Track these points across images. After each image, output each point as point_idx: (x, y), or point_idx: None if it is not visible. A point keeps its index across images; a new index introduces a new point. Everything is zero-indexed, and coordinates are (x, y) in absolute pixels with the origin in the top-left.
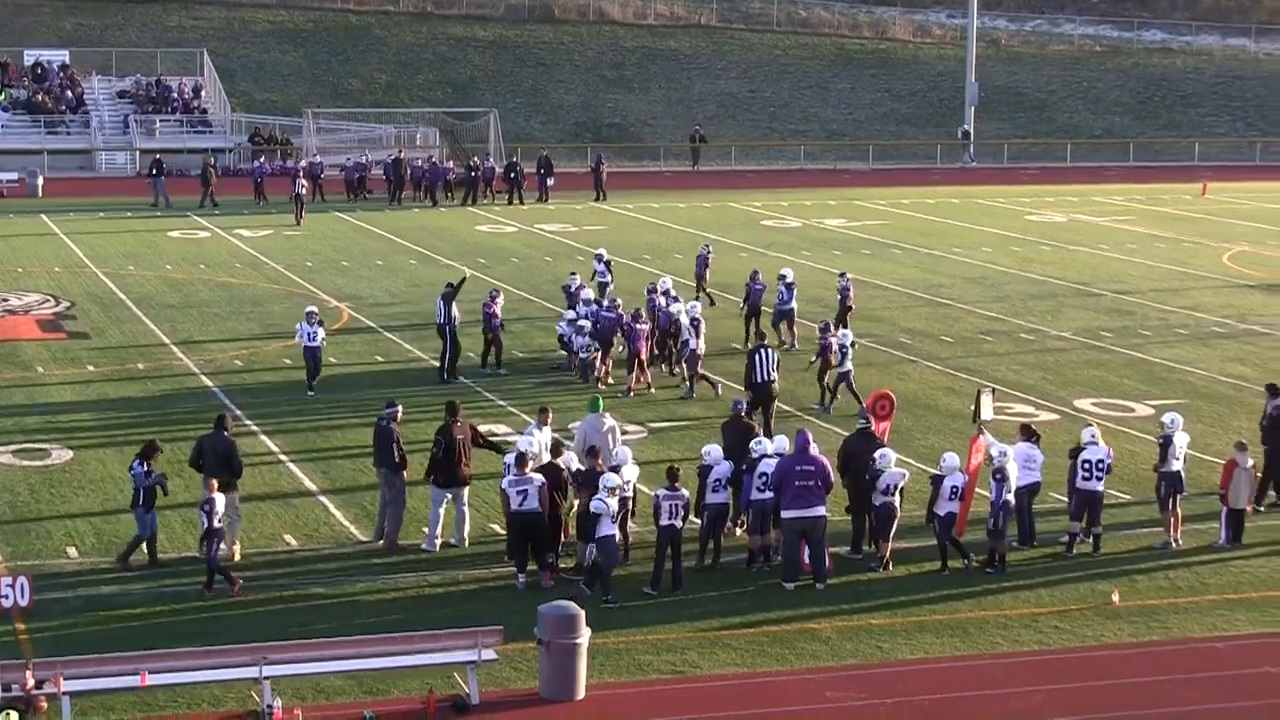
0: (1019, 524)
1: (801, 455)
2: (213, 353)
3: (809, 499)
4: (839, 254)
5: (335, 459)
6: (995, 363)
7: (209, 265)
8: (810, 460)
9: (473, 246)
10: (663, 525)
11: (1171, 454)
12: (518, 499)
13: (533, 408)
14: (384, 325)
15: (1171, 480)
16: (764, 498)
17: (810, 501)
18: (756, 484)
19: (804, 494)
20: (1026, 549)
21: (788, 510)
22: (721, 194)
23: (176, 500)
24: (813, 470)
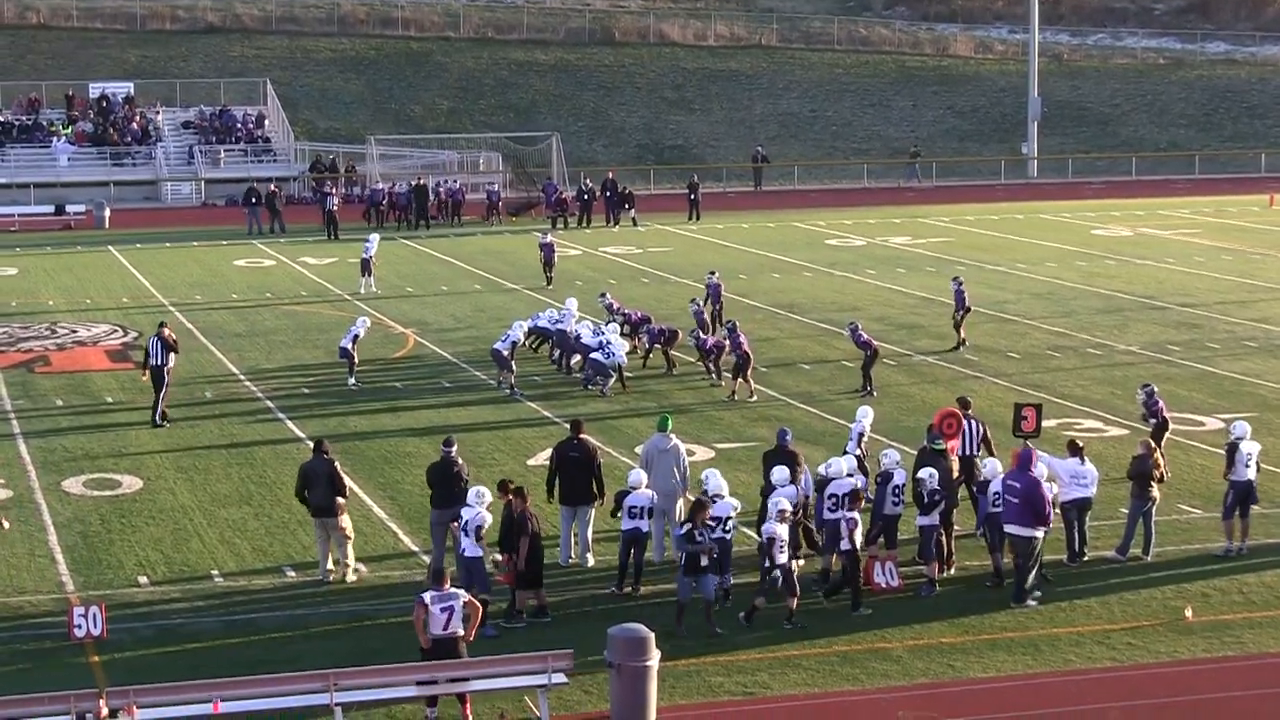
0: (1068, 540)
1: (1015, 471)
2: (281, 380)
3: (1015, 515)
4: (903, 272)
5: (403, 486)
6: (1062, 378)
7: (275, 293)
8: (1020, 477)
9: (536, 270)
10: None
11: (1240, 460)
12: (440, 619)
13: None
14: (450, 351)
15: (1242, 489)
16: (835, 518)
17: (1016, 519)
18: (827, 504)
19: (1011, 510)
20: (1074, 567)
21: (1005, 525)
22: (784, 213)
23: (243, 526)
24: (1016, 487)
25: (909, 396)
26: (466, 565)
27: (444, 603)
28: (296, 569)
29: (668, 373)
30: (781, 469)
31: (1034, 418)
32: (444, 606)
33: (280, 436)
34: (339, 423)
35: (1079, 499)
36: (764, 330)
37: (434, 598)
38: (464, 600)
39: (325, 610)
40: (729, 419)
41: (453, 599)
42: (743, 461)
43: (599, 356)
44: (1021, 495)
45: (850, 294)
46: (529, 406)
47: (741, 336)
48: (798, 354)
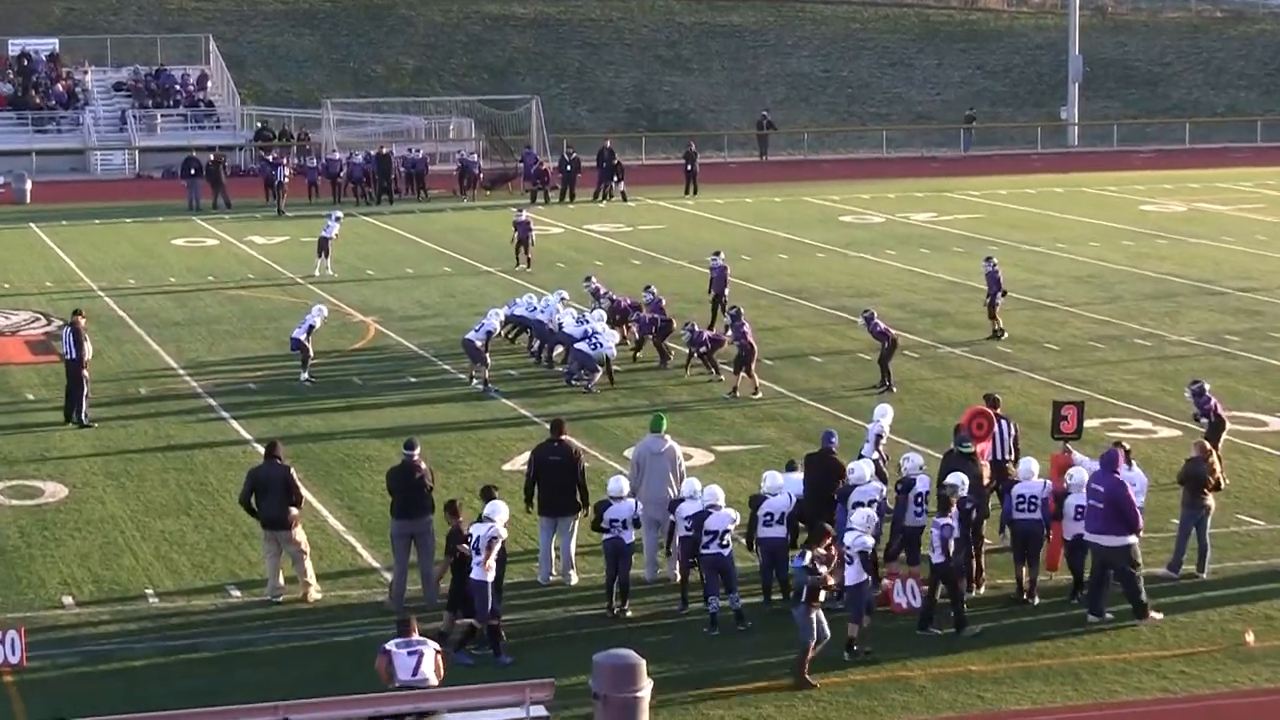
0: None
1: (1099, 473)
2: (224, 374)
3: (1101, 523)
4: (927, 252)
5: (363, 494)
6: (1106, 372)
7: (218, 276)
8: (1104, 480)
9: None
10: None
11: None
12: (408, 664)
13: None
14: (416, 342)
15: None
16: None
17: (1102, 526)
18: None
19: (1096, 517)
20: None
21: (1088, 534)
22: (793, 187)
23: (181, 539)
24: (1100, 491)
25: (933, 393)
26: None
27: (411, 649)
28: (242, 588)
29: (661, 366)
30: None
31: (1075, 417)
32: (412, 651)
33: (224, 438)
34: (290, 423)
35: None
36: (770, 318)
37: (399, 644)
38: (434, 651)
39: (275, 634)
40: (730, 418)
41: (420, 646)
42: (746, 466)
43: (584, 347)
44: (1107, 500)
45: (867, 277)
46: (504, 404)
47: (745, 325)
48: (808, 345)
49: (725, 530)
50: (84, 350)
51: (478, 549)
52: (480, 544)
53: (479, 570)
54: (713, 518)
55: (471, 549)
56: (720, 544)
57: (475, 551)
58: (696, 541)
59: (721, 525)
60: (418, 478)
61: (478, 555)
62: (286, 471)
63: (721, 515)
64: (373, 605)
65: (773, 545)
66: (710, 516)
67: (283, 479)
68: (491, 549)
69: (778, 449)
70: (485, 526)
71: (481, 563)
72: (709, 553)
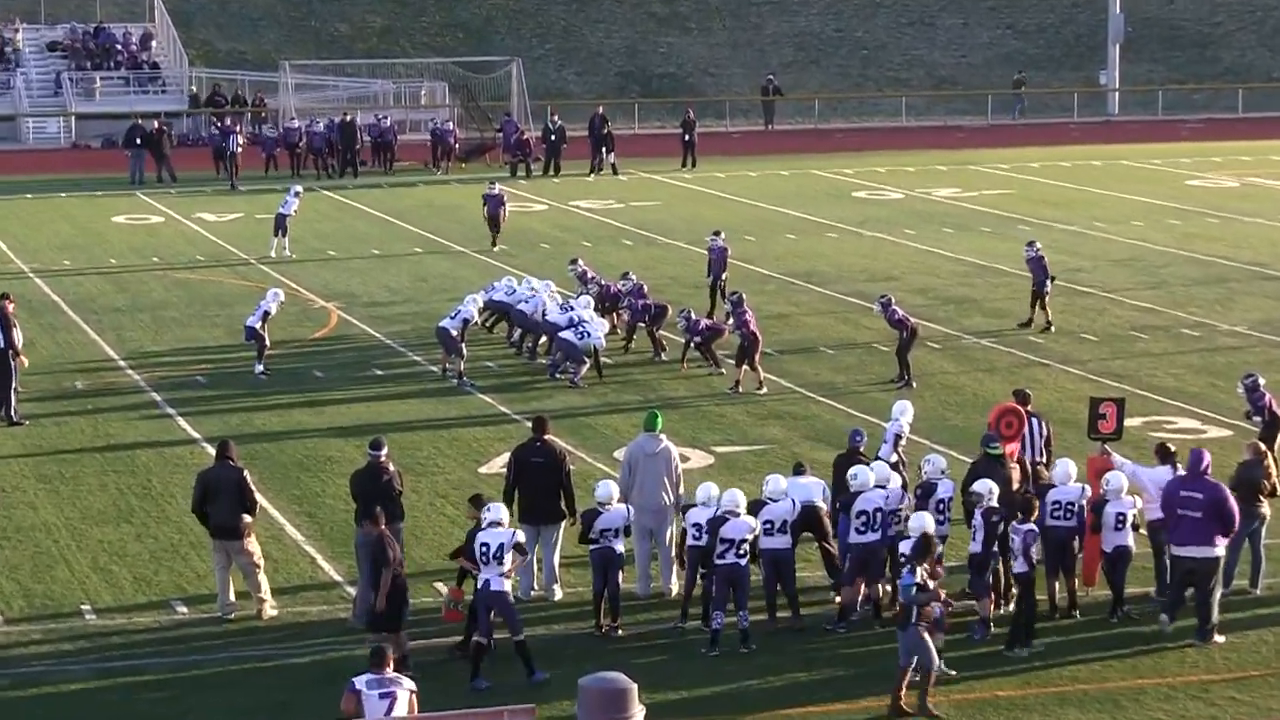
0: (1156, 569)
1: (1189, 479)
2: (170, 366)
3: (1195, 533)
4: (951, 232)
5: (324, 500)
6: (1150, 366)
7: (164, 257)
8: (1199, 485)
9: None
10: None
11: None
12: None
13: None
14: (383, 331)
15: None
16: (865, 540)
17: (1197, 537)
18: (855, 524)
19: (1189, 527)
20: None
21: (1175, 547)
22: (802, 159)
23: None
24: (1199, 499)
25: (957, 388)
26: (488, 602)
27: (384, 689)
28: (189, 604)
29: (656, 358)
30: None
31: (1114, 415)
32: (384, 693)
33: (170, 437)
34: (243, 420)
35: None
36: (776, 305)
37: (370, 683)
38: (410, 692)
39: (225, 655)
40: (732, 416)
41: (394, 686)
42: (749, 469)
43: (569, 337)
44: (1207, 506)
45: (884, 259)
46: (481, 400)
47: (748, 313)
48: (818, 335)
49: (743, 539)
50: (13, 339)
51: (498, 557)
52: (501, 551)
53: (500, 580)
54: (730, 524)
55: (491, 558)
56: (738, 554)
57: (496, 560)
58: (708, 551)
59: (740, 533)
60: (385, 481)
61: (498, 564)
62: (239, 474)
63: (740, 523)
64: (335, 623)
65: (776, 556)
66: (728, 523)
67: (235, 483)
68: (514, 556)
69: (784, 450)
70: (500, 533)
71: (505, 573)
72: (724, 563)
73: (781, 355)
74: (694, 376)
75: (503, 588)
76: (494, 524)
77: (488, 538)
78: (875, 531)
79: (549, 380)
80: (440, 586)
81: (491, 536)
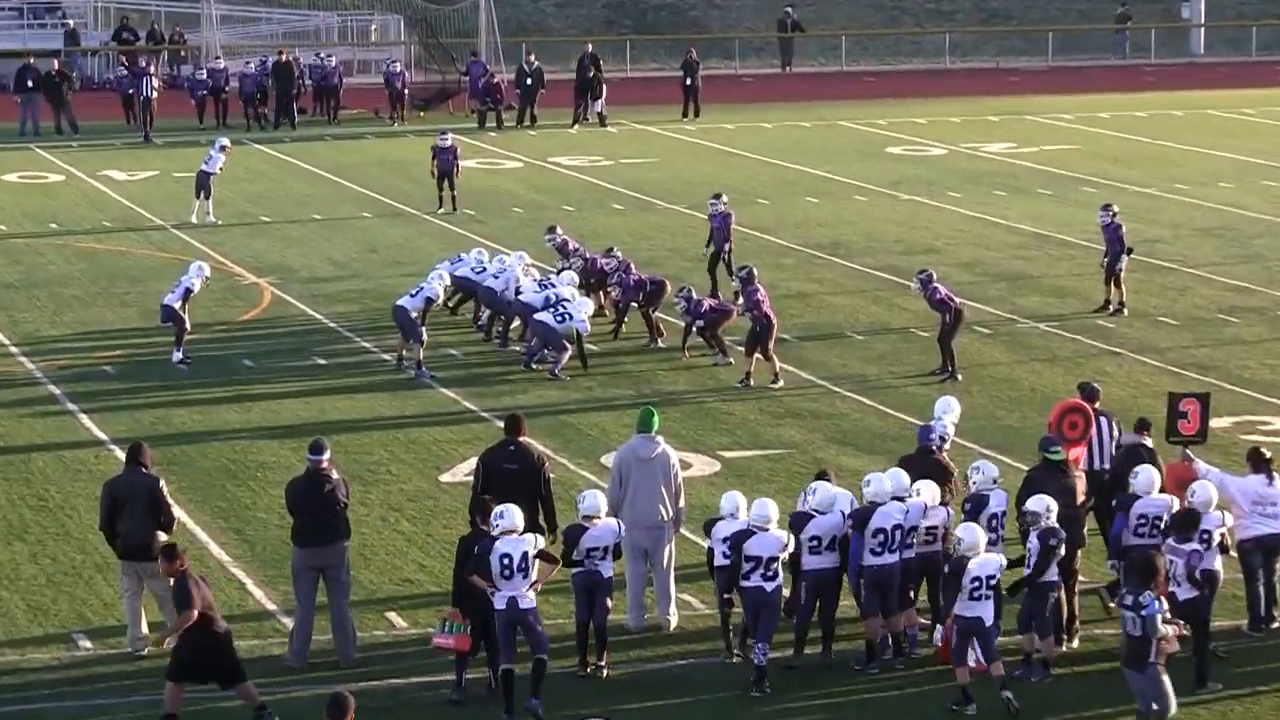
0: (1249, 598)
1: None
2: (71, 354)
3: None
4: (1003, 195)
5: (255, 514)
6: (1240, 355)
7: (63, 223)
8: None
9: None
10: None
11: None
12: None
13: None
14: (325, 311)
15: None
16: (881, 563)
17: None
18: (870, 544)
19: None
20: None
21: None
22: (826, 107)
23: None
24: None
25: (1011, 382)
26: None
27: None
28: (94, 637)
29: (651, 344)
30: (928, 484)
31: (1197, 415)
32: None
33: (71, 439)
34: (159, 418)
35: (1267, 536)
36: (795, 282)
37: None
38: None
39: (138, 698)
40: (742, 414)
41: None
42: (762, 477)
43: (547, 319)
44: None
45: (923, 228)
46: (443, 394)
47: (760, 291)
48: (845, 317)
49: (773, 557)
50: None
51: (522, 569)
52: (525, 562)
53: (527, 596)
54: (755, 540)
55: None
56: (765, 574)
57: (520, 573)
58: (735, 571)
59: (768, 550)
60: (327, 492)
61: (523, 577)
62: (154, 484)
63: (770, 538)
64: (268, 661)
65: (821, 579)
66: (753, 538)
67: (148, 494)
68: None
69: (804, 455)
70: (518, 541)
71: (532, 584)
72: (749, 585)
73: (801, 342)
74: (697, 367)
75: (531, 604)
76: (508, 532)
77: (508, 548)
78: (893, 552)
79: (524, 371)
80: (394, 617)
81: (512, 546)
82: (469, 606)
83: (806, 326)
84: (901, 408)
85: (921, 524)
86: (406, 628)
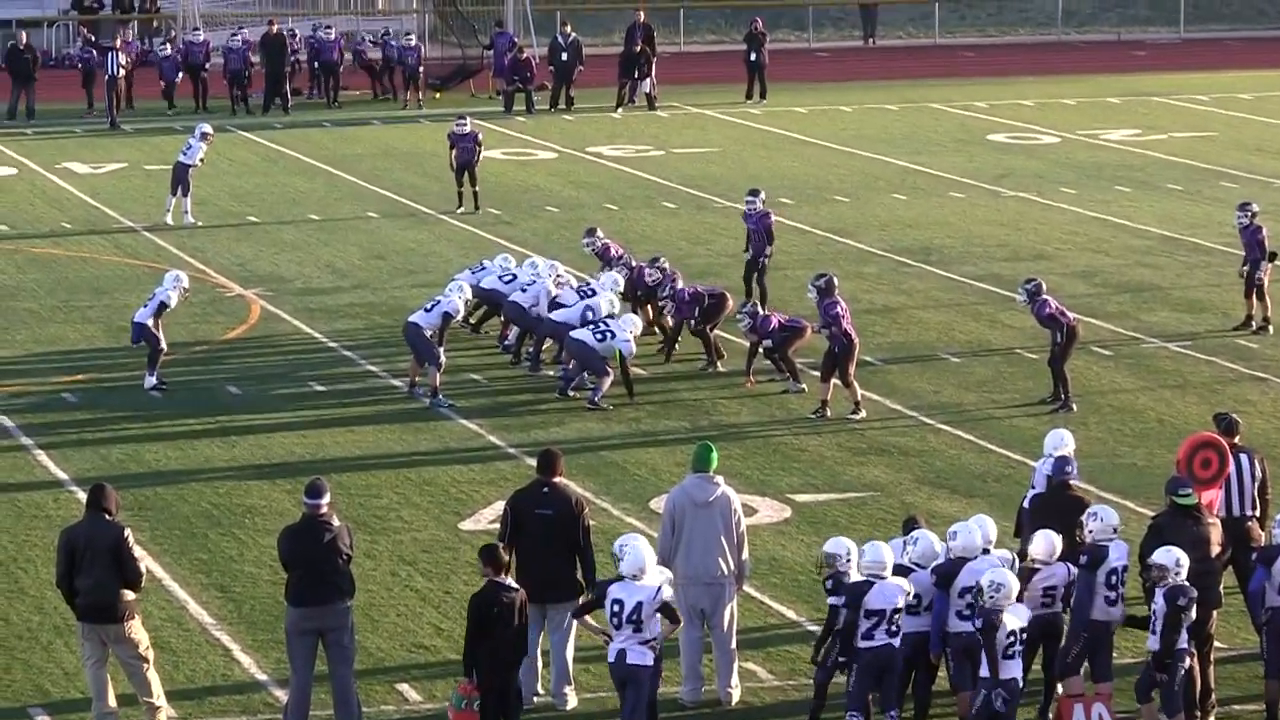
0: None
1: None
2: (25, 379)
3: None
4: (1126, 190)
5: (242, 568)
6: None
7: (16, 225)
8: None
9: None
10: None
11: None
12: None
13: None
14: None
15: None
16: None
17: None
18: (958, 605)
19: None
20: None
21: None
22: (915, 88)
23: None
24: None
25: (1135, 412)
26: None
27: None
28: (52, 711)
29: (709, 368)
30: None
31: None
32: None
33: (24, 479)
34: (128, 455)
35: None
36: (879, 294)
37: None
38: None
39: None
40: (816, 451)
41: None
42: (840, 525)
43: (585, 337)
44: None
45: (1031, 230)
46: (464, 427)
47: (840, 305)
48: (938, 336)
49: (896, 609)
50: None
51: (633, 620)
52: (639, 612)
53: (641, 652)
54: (875, 591)
55: (625, 620)
56: (889, 630)
57: (631, 625)
58: (850, 631)
59: (890, 602)
60: (327, 542)
61: (631, 631)
62: (119, 533)
63: (888, 587)
64: None
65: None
66: (872, 590)
67: (112, 544)
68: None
69: (890, 498)
70: (640, 588)
71: (649, 642)
72: (871, 645)
73: (886, 365)
74: (763, 395)
75: (645, 660)
76: (633, 576)
77: (622, 594)
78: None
79: (559, 400)
80: (406, 689)
81: (626, 592)
82: (483, 678)
83: (893, 347)
84: (1005, 442)
85: (1037, 583)
86: (420, 701)
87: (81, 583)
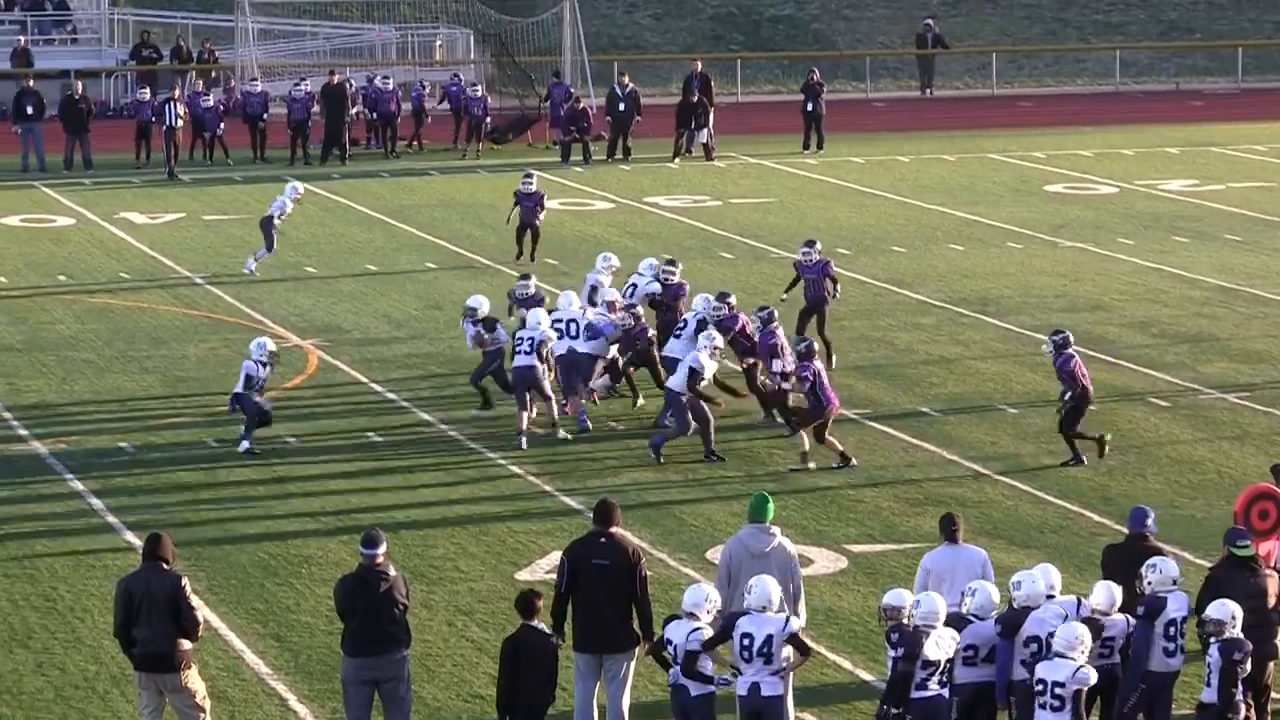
0: None
1: None
2: (81, 429)
3: None
4: (1184, 241)
5: (298, 617)
6: None
7: (74, 275)
8: None
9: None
10: None
11: None
12: None
13: None
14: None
15: None
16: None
17: None
18: (1023, 654)
19: None
20: None
21: None
22: (973, 138)
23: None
24: None
25: (1193, 463)
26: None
27: None
28: None
29: (767, 419)
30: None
31: None
32: None
33: (81, 528)
34: (185, 504)
35: None
36: (937, 344)
37: None
38: None
39: None
40: (873, 501)
41: None
42: (896, 575)
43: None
44: None
45: (1089, 280)
46: (519, 477)
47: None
48: (996, 387)
49: (950, 659)
50: None
51: (764, 654)
52: (769, 646)
53: (774, 683)
54: (930, 642)
55: (755, 654)
56: (940, 680)
57: (762, 658)
58: (904, 683)
59: (944, 653)
60: (383, 592)
61: (762, 664)
62: (175, 582)
63: (943, 635)
64: None
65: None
66: (928, 639)
67: (169, 594)
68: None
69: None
70: (768, 620)
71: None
72: (924, 696)
73: (944, 416)
74: (819, 446)
75: (777, 691)
76: (761, 608)
77: (751, 627)
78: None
79: (615, 449)
80: None
81: (756, 625)
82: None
83: (950, 398)
84: (1062, 494)
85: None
86: None
87: (139, 632)
